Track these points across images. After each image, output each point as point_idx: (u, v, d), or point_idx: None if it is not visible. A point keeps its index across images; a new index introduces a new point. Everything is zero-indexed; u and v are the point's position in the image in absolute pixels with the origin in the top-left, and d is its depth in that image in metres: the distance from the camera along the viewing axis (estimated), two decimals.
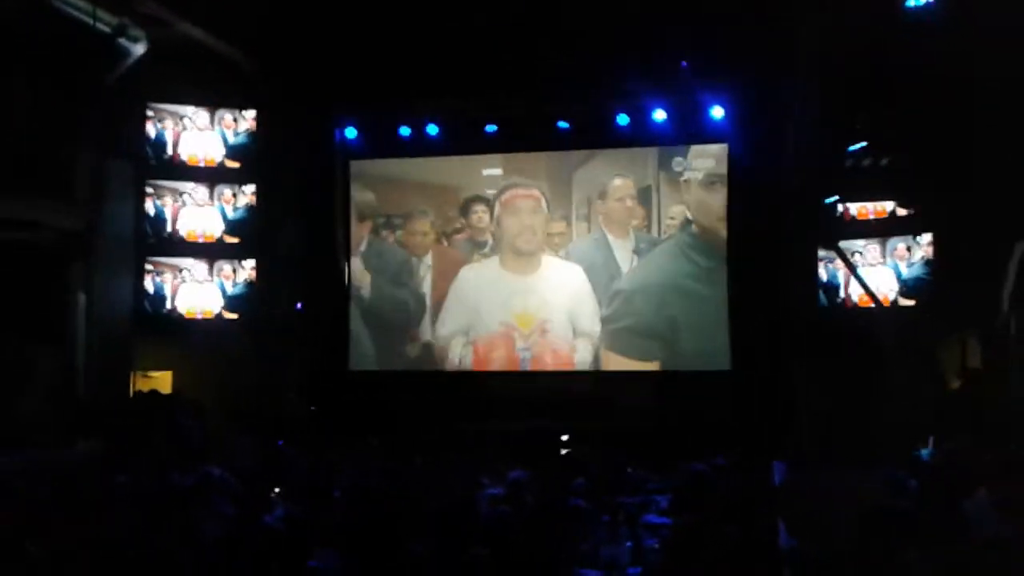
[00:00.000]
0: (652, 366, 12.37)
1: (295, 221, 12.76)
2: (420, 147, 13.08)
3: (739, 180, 12.09)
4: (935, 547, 4.83)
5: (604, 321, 12.51)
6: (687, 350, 12.25)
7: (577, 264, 12.67)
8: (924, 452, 6.54)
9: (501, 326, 12.78)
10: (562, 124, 12.54)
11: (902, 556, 4.84)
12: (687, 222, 12.38)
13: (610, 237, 12.60)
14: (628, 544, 5.89)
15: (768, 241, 11.51)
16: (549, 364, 12.68)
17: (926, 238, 10.73)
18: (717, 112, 12.04)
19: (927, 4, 7.85)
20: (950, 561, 4.75)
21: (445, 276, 13.01)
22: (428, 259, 13.11)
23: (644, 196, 12.55)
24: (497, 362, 12.81)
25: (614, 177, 12.64)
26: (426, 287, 13.04)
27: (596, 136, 12.67)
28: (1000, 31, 8.22)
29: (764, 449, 6.86)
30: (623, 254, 12.54)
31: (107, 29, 10.35)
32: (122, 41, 10.66)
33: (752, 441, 7.80)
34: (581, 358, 12.60)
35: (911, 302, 10.78)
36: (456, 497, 6.77)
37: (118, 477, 5.69)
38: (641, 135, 12.50)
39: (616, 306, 12.49)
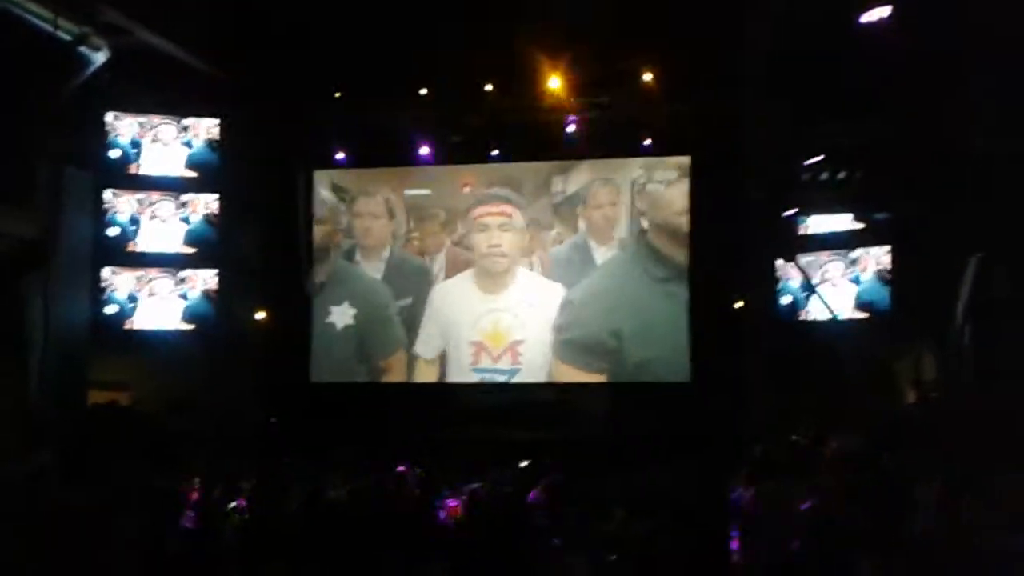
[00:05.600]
0: (602, 377, 12.42)
1: (257, 231, 12.69)
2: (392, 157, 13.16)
3: (701, 192, 12.21)
4: (883, 556, 4.91)
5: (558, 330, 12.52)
6: (647, 361, 12.31)
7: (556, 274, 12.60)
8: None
9: (471, 346, 12.73)
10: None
11: (851, 565, 4.92)
12: (642, 232, 12.46)
13: (592, 243, 12.59)
14: (584, 555, 5.92)
15: (729, 254, 11.61)
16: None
17: (883, 251, 10.88)
18: None
19: (880, 19, 7.94)
20: (898, 569, 4.83)
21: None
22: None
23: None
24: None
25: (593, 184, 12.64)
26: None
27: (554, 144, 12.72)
28: (954, 44, 8.33)
29: (720, 460, 6.93)
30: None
31: (68, 37, 10.24)
32: (83, 49, 10.54)
33: (709, 452, 7.88)
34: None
35: (867, 315, 10.92)
36: (415, 508, 6.79)
37: (65, 490, 5.61)
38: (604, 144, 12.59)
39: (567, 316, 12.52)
